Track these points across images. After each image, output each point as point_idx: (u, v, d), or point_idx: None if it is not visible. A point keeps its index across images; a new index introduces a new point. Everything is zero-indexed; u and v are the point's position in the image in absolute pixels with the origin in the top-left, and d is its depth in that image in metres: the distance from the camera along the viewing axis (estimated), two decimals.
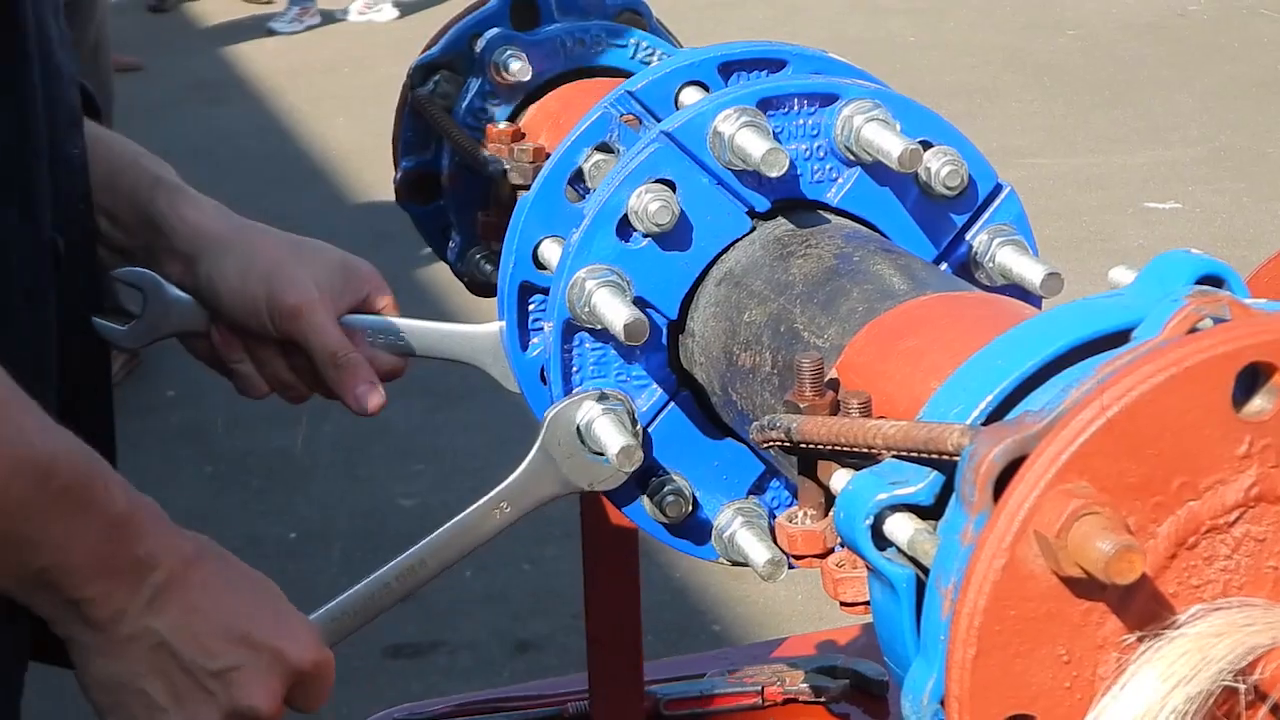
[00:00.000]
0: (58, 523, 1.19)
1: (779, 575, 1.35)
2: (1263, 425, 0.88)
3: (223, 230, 1.57)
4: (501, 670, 3.95)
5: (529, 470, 1.41)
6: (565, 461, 1.39)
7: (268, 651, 1.29)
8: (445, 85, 1.83)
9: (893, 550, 0.96)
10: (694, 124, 1.33)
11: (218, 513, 4.63)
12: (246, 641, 1.28)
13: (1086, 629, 0.88)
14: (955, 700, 0.88)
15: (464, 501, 1.48)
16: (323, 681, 1.35)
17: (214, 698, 1.27)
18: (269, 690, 1.29)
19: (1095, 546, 0.82)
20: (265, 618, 1.31)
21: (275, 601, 1.33)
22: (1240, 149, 7.14)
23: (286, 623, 1.32)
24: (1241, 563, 0.90)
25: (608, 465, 1.37)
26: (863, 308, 1.21)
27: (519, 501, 1.42)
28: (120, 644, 1.24)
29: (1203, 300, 0.89)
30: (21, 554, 1.19)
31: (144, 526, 1.24)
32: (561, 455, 1.39)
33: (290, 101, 8.25)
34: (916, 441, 0.93)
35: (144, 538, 1.24)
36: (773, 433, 1.11)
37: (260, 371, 1.60)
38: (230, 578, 1.31)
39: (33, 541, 1.19)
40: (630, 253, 1.34)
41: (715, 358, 1.34)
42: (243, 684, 1.28)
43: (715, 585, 4.20)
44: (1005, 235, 1.37)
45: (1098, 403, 0.85)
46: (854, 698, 2.15)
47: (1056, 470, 0.85)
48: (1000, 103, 7.85)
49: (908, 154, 1.29)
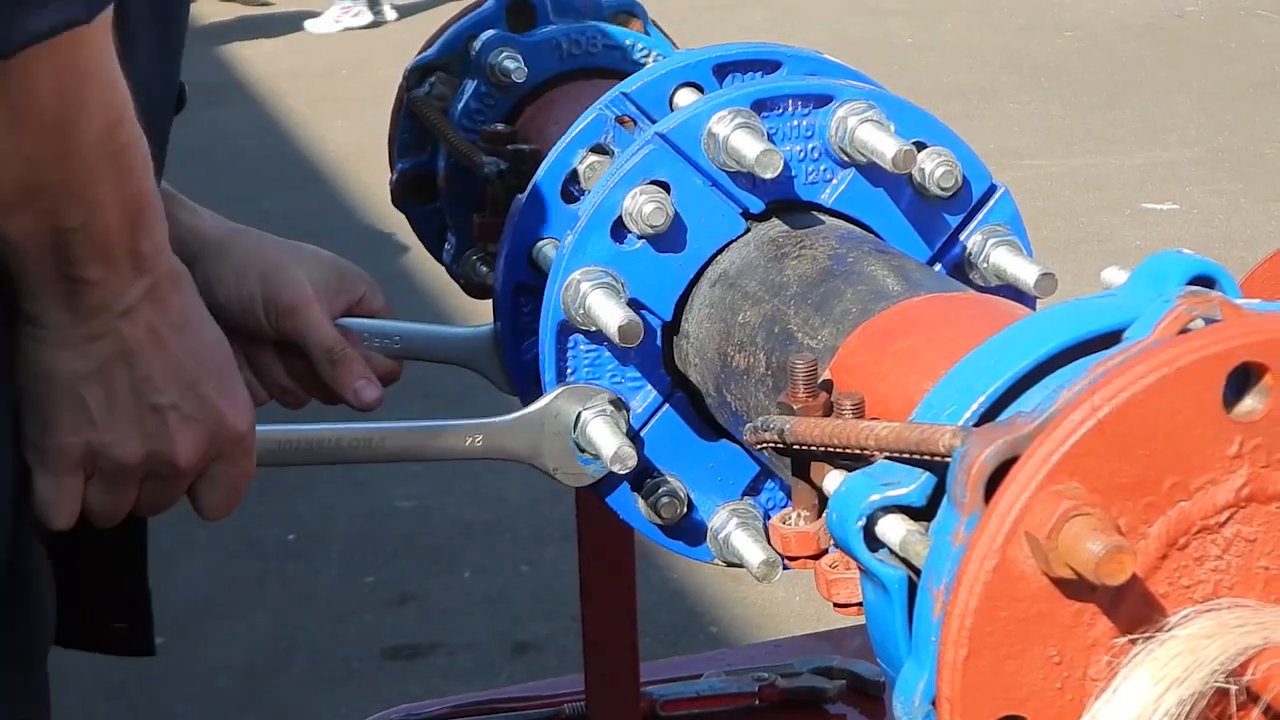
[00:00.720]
0: (107, 180, 1.17)
1: (774, 576, 1.35)
2: (1253, 425, 0.88)
3: (218, 234, 1.58)
4: (500, 671, 3.95)
5: (517, 423, 1.40)
6: (551, 437, 1.39)
7: (210, 407, 1.27)
8: (441, 87, 1.83)
9: (885, 551, 0.96)
10: (688, 125, 1.33)
11: None
12: (194, 389, 1.26)
13: (1077, 630, 0.88)
14: (946, 701, 0.88)
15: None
16: (241, 470, 1.31)
17: (142, 429, 1.25)
18: (196, 445, 1.27)
19: (1086, 547, 0.82)
20: (217, 374, 1.28)
21: (229, 363, 1.30)
22: (1238, 150, 7.14)
23: (234, 389, 1.29)
24: (1232, 563, 0.90)
25: (585, 462, 1.38)
26: (856, 309, 1.21)
27: (491, 443, 1.41)
28: (85, 339, 1.22)
29: (1194, 301, 0.89)
30: (64, 206, 1.16)
31: (157, 220, 1.22)
32: (549, 430, 1.39)
33: (289, 103, 8.26)
34: (908, 443, 0.94)
35: (152, 232, 1.22)
36: (766, 434, 1.11)
37: (259, 378, 1.61)
38: (200, 318, 1.28)
39: (84, 197, 1.16)
40: (625, 254, 1.35)
41: (710, 359, 1.34)
42: (174, 428, 1.26)
43: (712, 586, 4.20)
44: (999, 236, 1.37)
45: (1089, 403, 0.85)
46: (851, 698, 2.15)
47: (1047, 471, 0.85)
48: (998, 104, 7.85)
49: (902, 155, 1.29)
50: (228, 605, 4.27)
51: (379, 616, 4.22)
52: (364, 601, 4.28)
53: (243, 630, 4.16)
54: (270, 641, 4.12)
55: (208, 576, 4.36)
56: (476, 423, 1.41)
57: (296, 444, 1.40)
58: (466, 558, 4.42)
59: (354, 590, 4.33)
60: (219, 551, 4.48)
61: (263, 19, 9.62)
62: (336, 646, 4.10)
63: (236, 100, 8.43)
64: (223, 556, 4.46)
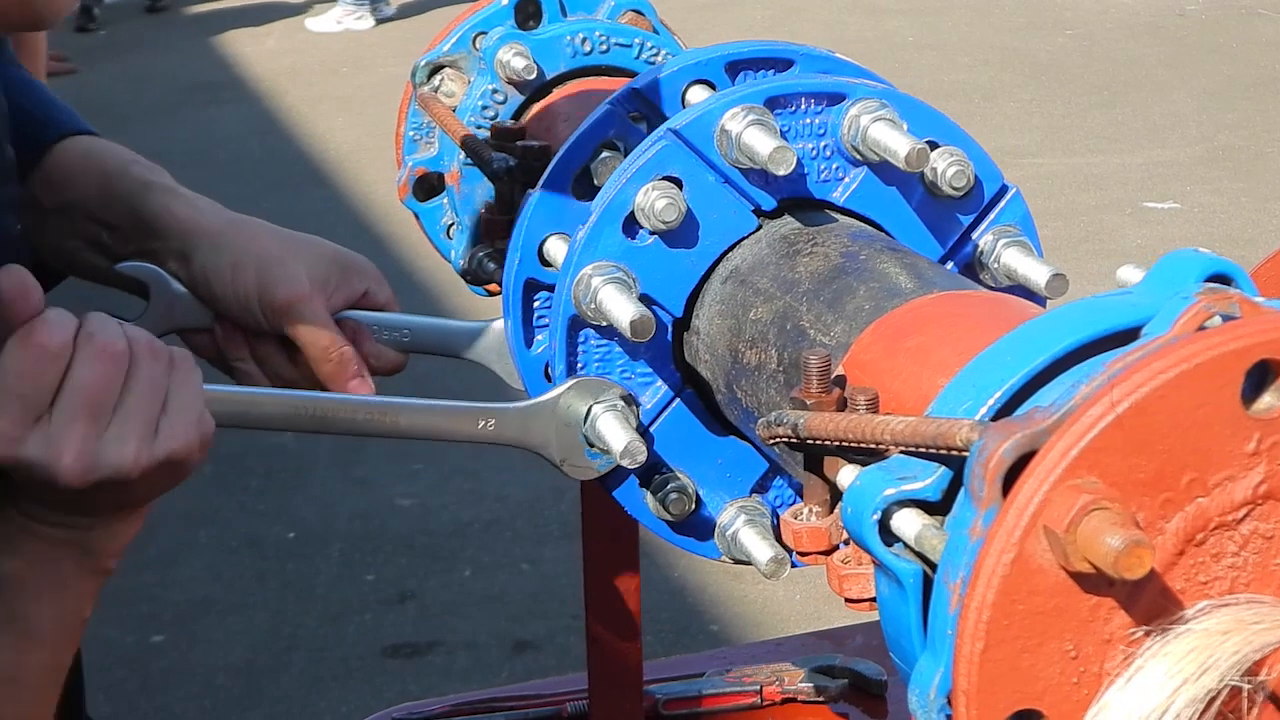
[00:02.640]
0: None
1: (782, 573, 1.35)
2: (1272, 422, 0.88)
3: (216, 225, 1.57)
4: (500, 671, 3.95)
5: (529, 411, 1.40)
6: (560, 428, 1.39)
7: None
8: (449, 84, 1.83)
9: (900, 546, 0.96)
10: (701, 122, 1.33)
11: (218, 513, 4.64)
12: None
13: (1094, 624, 0.88)
14: (963, 694, 0.88)
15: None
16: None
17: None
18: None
19: (1104, 541, 0.82)
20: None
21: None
22: (1238, 149, 7.15)
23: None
24: (1249, 560, 0.90)
25: (591, 456, 1.38)
26: (869, 305, 1.21)
27: (503, 428, 1.40)
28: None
29: (1213, 298, 0.89)
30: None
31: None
32: (559, 421, 1.39)
33: (289, 102, 8.26)
34: (925, 437, 0.94)
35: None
36: (780, 429, 1.11)
37: (262, 368, 1.60)
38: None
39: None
40: (636, 250, 1.35)
41: (720, 355, 1.34)
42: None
43: (713, 585, 4.21)
44: (1010, 236, 1.37)
45: (1108, 398, 0.85)
46: (853, 697, 2.14)
47: (1066, 465, 0.85)
48: (999, 102, 7.86)
49: (914, 154, 1.29)
50: (228, 604, 4.27)
51: (379, 615, 4.22)
52: (364, 600, 4.28)
53: (242, 629, 4.17)
54: (270, 640, 4.12)
55: (208, 575, 4.36)
56: (490, 407, 1.41)
57: (311, 411, 1.38)
58: (466, 556, 4.42)
59: (354, 589, 4.33)
60: (219, 550, 4.48)
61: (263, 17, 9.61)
62: (336, 645, 4.10)
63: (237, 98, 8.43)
64: (223, 555, 4.47)
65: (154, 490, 1.25)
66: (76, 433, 1.19)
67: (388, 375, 1.59)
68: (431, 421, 1.41)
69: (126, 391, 1.22)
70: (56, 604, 1.25)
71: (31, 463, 1.18)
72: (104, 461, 1.20)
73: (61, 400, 1.19)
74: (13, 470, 1.19)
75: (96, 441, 1.19)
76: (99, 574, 1.27)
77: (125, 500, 1.24)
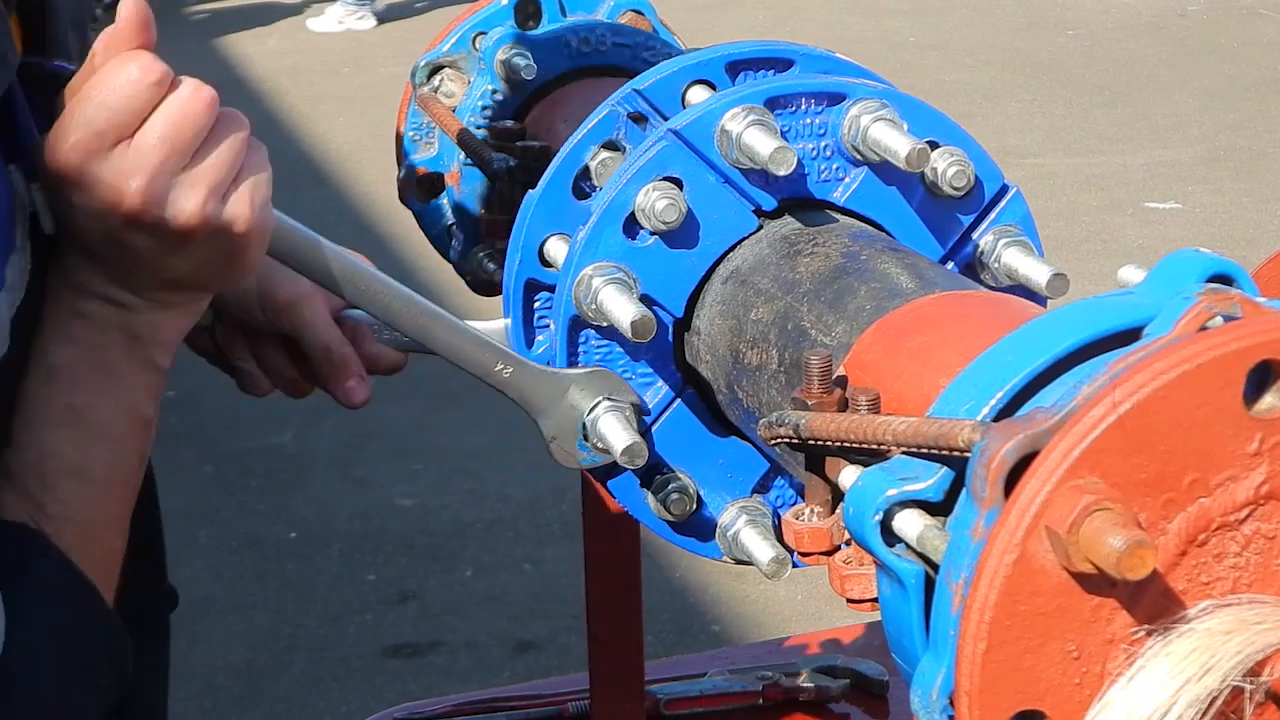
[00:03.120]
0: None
1: (783, 573, 1.35)
2: (1274, 423, 0.88)
3: None
4: (501, 671, 3.95)
5: (545, 375, 1.39)
6: (565, 407, 1.38)
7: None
8: (449, 84, 1.83)
9: (901, 546, 0.96)
10: (701, 122, 1.33)
11: (218, 513, 4.64)
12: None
13: (1096, 625, 0.88)
14: (965, 695, 0.88)
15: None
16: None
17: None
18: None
19: (1107, 542, 0.82)
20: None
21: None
22: (1240, 149, 7.15)
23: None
24: (1251, 560, 0.90)
25: (580, 446, 1.38)
26: (870, 306, 1.21)
27: (515, 381, 1.39)
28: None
29: (1214, 298, 0.89)
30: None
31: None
32: (568, 400, 1.38)
33: (290, 102, 8.26)
34: (927, 437, 0.93)
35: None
36: (781, 429, 1.11)
37: (262, 367, 1.60)
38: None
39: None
40: (637, 250, 1.34)
41: (721, 355, 1.34)
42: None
43: (714, 585, 4.21)
44: (1011, 236, 1.37)
45: (1110, 399, 0.85)
46: (854, 697, 2.15)
47: (1068, 466, 0.85)
48: (1000, 103, 7.85)
49: (915, 154, 1.29)
50: (228, 604, 4.27)
51: (379, 615, 4.22)
52: (364, 600, 4.28)
53: (242, 629, 4.17)
54: (270, 640, 4.12)
55: (208, 575, 4.36)
56: (514, 355, 1.40)
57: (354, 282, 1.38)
58: (467, 556, 4.42)
59: (354, 588, 4.33)
60: (219, 550, 4.48)
61: (265, 17, 9.61)
62: (336, 645, 4.10)
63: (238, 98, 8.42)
64: (223, 555, 4.47)
65: (199, 266, 1.25)
66: (153, 159, 1.20)
67: (388, 375, 1.59)
68: (455, 341, 1.40)
69: (208, 144, 1.23)
70: (110, 394, 1.26)
71: (100, 180, 1.19)
72: (169, 198, 1.21)
73: (147, 127, 1.20)
74: (78, 186, 1.20)
75: (168, 178, 1.21)
76: (149, 368, 1.28)
77: (169, 269, 1.25)
